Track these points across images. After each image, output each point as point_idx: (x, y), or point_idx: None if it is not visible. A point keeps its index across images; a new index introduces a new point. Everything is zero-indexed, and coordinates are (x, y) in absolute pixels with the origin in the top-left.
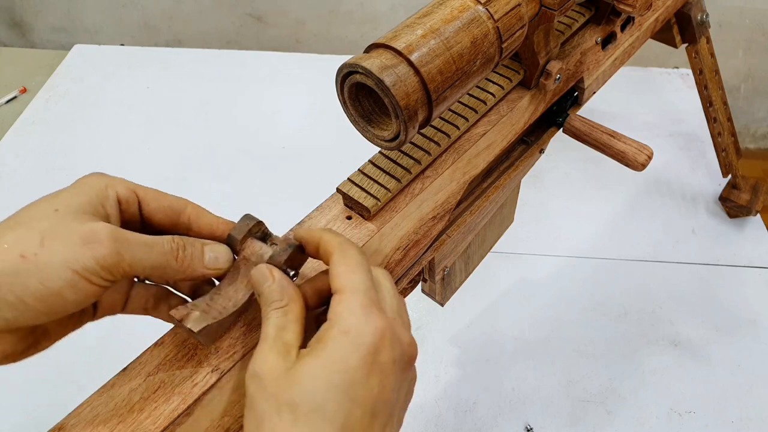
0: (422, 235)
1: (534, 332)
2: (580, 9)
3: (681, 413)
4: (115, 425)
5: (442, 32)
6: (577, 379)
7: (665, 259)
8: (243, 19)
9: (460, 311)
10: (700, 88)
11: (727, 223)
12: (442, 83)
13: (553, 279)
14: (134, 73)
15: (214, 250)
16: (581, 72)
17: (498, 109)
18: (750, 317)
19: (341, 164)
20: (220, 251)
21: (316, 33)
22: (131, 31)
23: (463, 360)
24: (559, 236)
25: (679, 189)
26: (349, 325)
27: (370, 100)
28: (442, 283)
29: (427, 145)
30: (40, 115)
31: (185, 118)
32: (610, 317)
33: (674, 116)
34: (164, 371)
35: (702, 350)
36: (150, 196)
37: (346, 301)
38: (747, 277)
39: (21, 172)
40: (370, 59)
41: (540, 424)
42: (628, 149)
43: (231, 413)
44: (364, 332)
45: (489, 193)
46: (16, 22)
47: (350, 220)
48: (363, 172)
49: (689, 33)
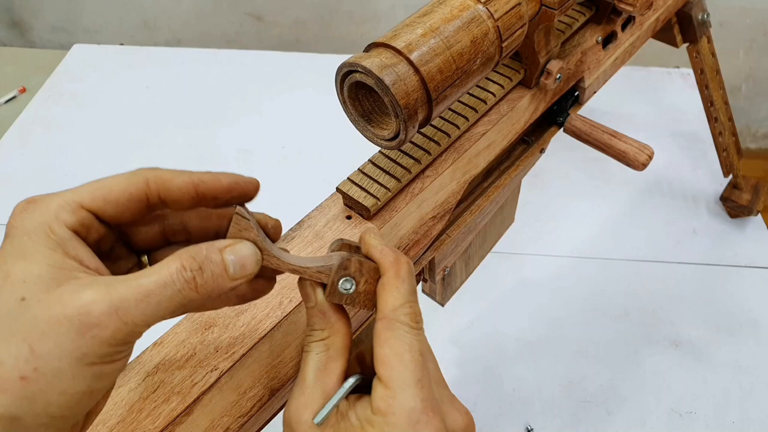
0: (422, 235)
1: (534, 332)
2: (580, 8)
3: (682, 413)
4: (114, 425)
5: (442, 31)
6: (578, 379)
7: (666, 259)
8: (243, 19)
9: (460, 311)
10: (701, 88)
11: (728, 223)
12: (442, 82)
13: (553, 279)
14: (134, 73)
15: (236, 252)
16: (582, 71)
17: (498, 109)
18: (751, 317)
19: (341, 164)
20: (243, 252)
21: (316, 33)
22: (131, 30)
23: (463, 360)
24: (559, 236)
25: (680, 189)
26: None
27: (370, 99)
28: (443, 283)
29: (427, 145)
30: (39, 114)
31: (185, 118)
32: (610, 317)
33: (675, 116)
34: (164, 371)
35: (703, 350)
36: (100, 202)
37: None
38: (748, 277)
39: (21, 172)
40: (369, 58)
41: (540, 425)
42: (629, 149)
43: (230, 413)
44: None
45: (489, 193)
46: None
47: (350, 220)
48: (363, 171)
49: (690, 32)
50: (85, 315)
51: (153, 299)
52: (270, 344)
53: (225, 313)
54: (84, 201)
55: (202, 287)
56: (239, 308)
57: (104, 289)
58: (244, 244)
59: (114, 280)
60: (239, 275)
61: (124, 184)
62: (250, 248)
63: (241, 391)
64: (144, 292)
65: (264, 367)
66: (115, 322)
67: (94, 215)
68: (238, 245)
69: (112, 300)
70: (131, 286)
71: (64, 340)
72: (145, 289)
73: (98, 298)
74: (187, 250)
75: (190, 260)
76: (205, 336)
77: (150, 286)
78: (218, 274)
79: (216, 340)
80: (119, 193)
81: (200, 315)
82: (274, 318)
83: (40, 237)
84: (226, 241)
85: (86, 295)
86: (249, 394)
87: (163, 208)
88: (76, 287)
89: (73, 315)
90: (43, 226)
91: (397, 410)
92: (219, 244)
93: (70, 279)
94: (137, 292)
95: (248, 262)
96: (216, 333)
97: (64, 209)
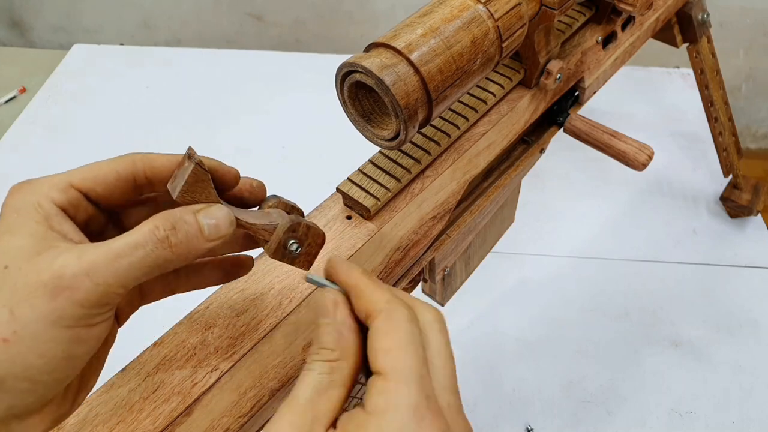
0: (422, 235)
1: (534, 332)
2: (580, 8)
3: (682, 414)
4: (114, 425)
5: (442, 31)
6: (578, 379)
7: (666, 259)
8: (243, 19)
9: (460, 311)
10: (701, 88)
11: (728, 223)
12: (442, 82)
13: (553, 279)
14: (134, 73)
15: (210, 215)
16: (582, 71)
17: (498, 109)
18: (751, 317)
19: (341, 164)
20: (217, 215)
21: (316, 33)
22: (131, 30)
23: (463, 360)
24: (559, 236)
25: (680, 189)
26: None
27: (370, 99)
28: (443, 283)
29: (427, 145)
30: (39, 115)
31: (185, 118)
32: (610, 317)
33: (675, 116)
34: (164, 371)
35: (703, 350)
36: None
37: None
38: (748, 277)
39: (21, 172)
40: (370, 58)
41: (540, 425)
42: (629, 149)
43: (230, 413)
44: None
45: (489, 193)
46: (15, 22)
47: (350, 220)
48: (363, 171)
49: (690, 32)
50: (58, 278)
51: (125, 260)
52: (270, 344)
53: (225, 314)
54: (74, 181)
55: (176, 246)
56: (239, 308)
57: (76, 254)
58: (217, 207)
59: (89, 246)
60: (214, 236)
61: (113, 164)
62: (223, 210)
63: (241, 392)
64: (115, 252)
65: (264, 368)
66: (86, 284)
67: (84, 195)
68: (212, 208)
69: (82, 263)
70: (103, 248)
71: (39, 303)
72: (116, 250)
73: (70, 263)
74: (162, 214)
75: (163, 221)
76: (205, 336)
77: (121, 248)
78: (193, 234)
79: (216, 340)
80: (108, 172)
81: (200, 315)
82: (274, 318)
83: (28, 212)
84: (199, 205)
85: (59, 260)
86: (249, 394)
87: (150, 189)
88: (53, 254)
89: (47, 279)
90: (32, 203)
91: (402, 404)
92: (193, 207)
93: (50, 248)
94: (108, 253)
95: (222, 224)
96: (216, 333)
97: (55, 188)
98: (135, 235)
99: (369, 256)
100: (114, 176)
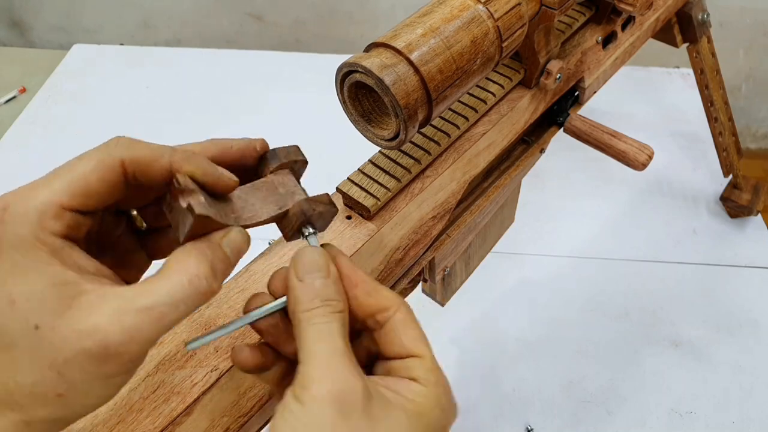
0: (422, 235)
1: (534, 332)
2: (580, 8)
3: (682, 414)
4: (114, 425)
5: (442, 31)
6: (578, 379)
7: (666, 259)
8: (243, 19)
9: (460, 311)
10: (701, 88)
11: (728, 223)
12: (442, 82)
13: (553, 279)
14: (134, 73)
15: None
16: (582, 71)
17: (498, 109)
18: (751, 317)
19: (341, 164)
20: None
21: (316, 33)
22: (131, 30)
23: (463, 360)
24: (559, 236)
25: (680, 189)
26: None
27: (370, 99)
28: (443, 283)
29: (427, 145)
30: (39, 115)
31: (185, 118)
32: (610, 317)
33: (675, 116)
34: (164, 371)
35: (703, 350)
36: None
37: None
38: (748, 277)
39: (21, 172)
40: (369, 58)
41: (540, 425)
42: (629, 149)
43: (230, 413)
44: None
45: (489, 193)
46: (15, 22)
47: (350, 220)
48: (363, 171)
49: (690, 32)
50: (104, 348)
51: (168, 318)
52: None
53: (225, 314)
54: (64, 202)
55: (217, 290)
56: (239, 308)
57: (116, 316)
58: (235, 232)
59: (123, 298)
60: (236, 260)
61: (101, 172)
62: (240, 233)
63: (241, 391)
64: (159, 313)
65: None
66: (133, 348)
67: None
68: (231, 233)
69: (125, 330)
70: (143, 311)
71: (88, 368)
72: (159, 313)
73: (112, 328)
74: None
75: (201, 267)
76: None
77: (164, 312)
78: (228, 269)
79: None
80: (97, 184)
81: (200, 315)
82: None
83: (30, 251)
84: (219, 233)
85: (99, 323)
86: (249, 394)
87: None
88: (85, 310)
89: (92, 347)
90: (30, 238)
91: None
92: (216, 238)
93: (77, 296)
94: (151, 315)
95: (243, 247)
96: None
97: (47, 216)
98: (175, 289)
99: (369, 256)
100: (105, 187)
